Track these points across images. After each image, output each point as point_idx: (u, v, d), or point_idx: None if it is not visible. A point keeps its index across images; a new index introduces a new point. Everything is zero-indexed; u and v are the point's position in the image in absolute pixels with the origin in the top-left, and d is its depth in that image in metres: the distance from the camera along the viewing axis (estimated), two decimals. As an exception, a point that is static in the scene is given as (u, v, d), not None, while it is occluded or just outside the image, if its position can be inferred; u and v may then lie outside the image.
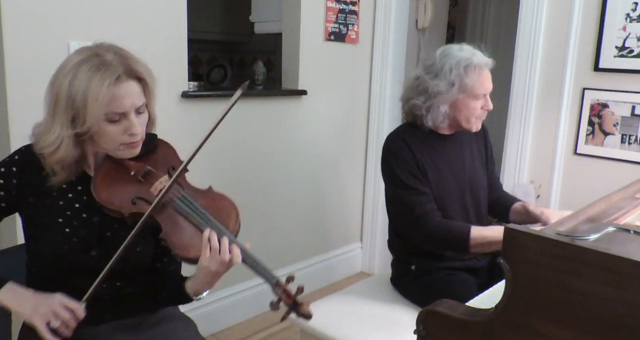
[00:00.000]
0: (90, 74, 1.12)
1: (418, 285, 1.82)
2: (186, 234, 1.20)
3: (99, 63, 1.14)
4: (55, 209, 1.23)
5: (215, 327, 2.54)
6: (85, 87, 1.12)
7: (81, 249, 1.23)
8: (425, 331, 1.03)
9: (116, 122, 1.16)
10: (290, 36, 2.74)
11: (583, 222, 0.99)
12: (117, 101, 1.14)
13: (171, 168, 1.28)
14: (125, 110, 1.16)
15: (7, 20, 1.74)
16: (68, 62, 1.17)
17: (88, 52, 1.16)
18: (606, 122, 2.37)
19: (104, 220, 1.25)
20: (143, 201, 1.21)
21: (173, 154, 1.34)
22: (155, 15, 2.09)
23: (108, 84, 1.12)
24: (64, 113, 1.14)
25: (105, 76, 1.12)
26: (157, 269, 1.36)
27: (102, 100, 1.12)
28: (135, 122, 1.18)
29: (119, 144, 1.20)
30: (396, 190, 1.77)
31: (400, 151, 1.76)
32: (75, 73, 1.13)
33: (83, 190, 1.25)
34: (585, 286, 0.82)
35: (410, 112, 1.80)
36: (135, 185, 1.23)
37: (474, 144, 1.92)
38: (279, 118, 2.67)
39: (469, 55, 1.71)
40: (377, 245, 3.26)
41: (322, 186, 2.97)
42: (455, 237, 1.66)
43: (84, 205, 1.25)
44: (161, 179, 1.24)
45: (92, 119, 1.13)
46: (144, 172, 1.25)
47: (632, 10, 2.27)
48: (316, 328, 1.71)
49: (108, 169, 1.23)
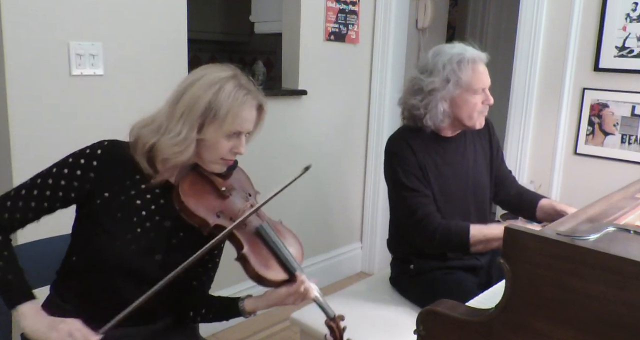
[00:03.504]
0: (237, 92, 1.23)
1: (417, 284, 1.82)
2: (265, 256, 1.27)
3: (242, 84, 1.25)
4: (131, 207, 1.24)
5: (215, 327, 2.53)
6: (231, 104, 1.21)
7: (147, 252, 1.25)
8: (425, 331, 1.03)
9: (231, 139, 1.25)
10: (290, 36, 2.75)
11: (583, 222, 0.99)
12: (244, 123, 1.25)
13: (248, 195, 1.37)
14: (244, 130, 1.26)
15: (7, 20, 1.74)
16: (209, 73, 1.24)
17: (229, 71, 1.26)
18: (606, 122, 2.37)
19: (174, 227, 1.28)
20: (226, 217, 1.27)
21: (249, 181, 1.43)
22: (155, 15, 2.09)
23: (248, 107, 1.24)
24: (197, 118, 1.21)
25: (251, 100, 1.25)
26: (192, 286, 1.39)
27: (238, 119, 1.22)
28: (244, 143, 1.28)
29: (219, 158, 1.26)
30: (398, 192, 1.77)
31: (402, 152, 1.75)
32: (222, 87, 1.21)
33: (161, 193, 1.27)
34: (585, 286, 0.82)
35: (410, 114, 1.79)
36: (221, 199, 1.30)
37: (478, 143, 1.89)
38: (279, 118, 2.67)
39: (460, 51, 1.72)
40: (377, 245, 3.26)
41: (322, 186, 2.96)
42: (455, 237, 1.65)
43: (159, 209, 1.27)
44: (249, 201, 1.34)
45: (221, 132, 1.22)
46: (231, 190, 1.32)
47: (632, 10, 2.27)
48: (316, 328, 1.71)
49: (195, 179, 1.29)
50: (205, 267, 1.40)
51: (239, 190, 1.35)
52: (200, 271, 1.39)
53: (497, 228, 1.64)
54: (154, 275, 1.21)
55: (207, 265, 1.40)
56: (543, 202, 1.87)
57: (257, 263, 1.24)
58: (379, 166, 3.16)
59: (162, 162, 1.24)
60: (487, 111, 1.78)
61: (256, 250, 1.26)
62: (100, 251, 1.23)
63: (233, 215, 1.27)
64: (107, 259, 1.23)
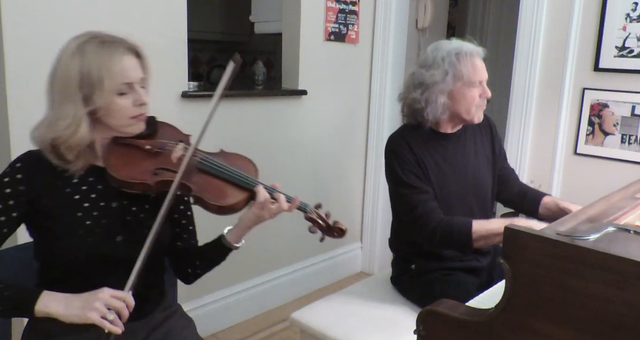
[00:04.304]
0: (98, 50, 1.18)
1: (418, 284, 1.82)
2: (217, 187, 1.29)
3: (101, 41, 1.19)
4: (72, 205, 1.23)
5: (215, 327, 2.54)
6: (98, 62, 1.17)
7: (106, 237, 1.24)
8: (425, 331, 1.03)
9: (125, 95, 1.21)
10: (290, 36, 2.75)
11: (583, 222, 0.99)
12: (126, 72, 1.20)
13: (179, 141, 1.33)
14: (132, 80, 1.21)
15: (7, 20, 1.74)
16: (67, 48, 1.20)
17: (84, 37, 1.21)
18: (606, 122, 2.37)
19: (123, 205, 1.28)
20: (165, 170, 1.26)
21: (176, 130, 1.40)
22: (155, 15, 2.09)
23: (118, 56, 1.19)
24: (76, 93, 1.17)
25: (113, 50, 1.19)
26: (179, 247, 1.43)
27: (115, 72, 1.18)
28: (142, 93, 1.24)
29: (129, 117, 1.23)
30: (398, 189, 1.77)
31: (401, 150, 1.76)
32: (82, 53, 1.17)
33: (96, 180, 1.27)
34: (585, 286, 0.82)
35: (410, 109, 1.80)
36: (153, 158, 1.28)
37: (479, 142, 1.90)
38: (279, 118, 2.67)
39: (458, 45, 1.75)
40: (377, 245, 3.26)
41: (322, 186, 2.96)
42: (457, 233, 1.65)
43: (100, 194, 1.26)
44: (177, 147, 1.30)
45: (107, 92, 1.18)
46: (159, 146, 1.30)
47: (632, 10, 2.27)
48: (316, 328, 1.71)
49: (120, 151, 1.26)
50: (181, 226, 1.43)
51: (168, 142, 1.32)
52: (178, 231, 1.43)
53: (500, 223, 1.65)
54: (124, 256, 1.22)
55: (181, 223, 1.43)
56: (546, 199, 1.88)
57: (212, 197, 1.26)
58: (379, 166, 3.16)
59: (68, 151, 1.20)
60: (485, 105, 1.80)
61: (205, 185, 1.28)
62: (63, 256, 1.22)
63: (172, 167, 1.26)
64: (71, 261, 1.22)
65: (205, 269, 1.44)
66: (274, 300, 2.81)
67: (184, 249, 1.44)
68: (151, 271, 1.33)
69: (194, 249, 1.45)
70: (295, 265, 2.91)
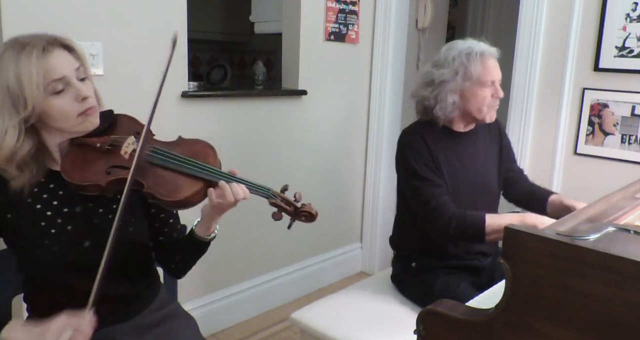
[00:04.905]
0: (15, 55, 1.11)
1: (418, 283, 1.82)
2: (169, 180, 1.21)
3: (20, 46, 1.12)
4: (35, 215, 1.20)
5: (215, 327, 2.54)
6: (15, 67, 1.10)
7: (73, 243, 1.21)
8: (425, 331, 1.03)
9: (61, 93, 1.14)
10: (290, 36, 2.75)
11: (583, 222, 0.99)
12: (52, 69, 1.13)
13: (136, 133, 1.26)
14: (63, 74, 1.14)
15: (7, 20, 1.74)
16: None
17: (6, 45, 1.15)
18: (606, 122, 2.37)
19: (88, 209, 1.24)
20: (118, 168, 1.19)
21: (135, 121, 1.32)
22: (155, 15, 2.09)
23: (35, 56, 1.11)
24: (8, 104, 1.11)
25: (30, 51, 1.11)
26: (162, 242, 1.39)
27: (36, 73, 1.10)
28: (81, 86, 1.17)
29: (75, 115, 1.17)
30: (411, 181, 1.78)
31: (416, 144, 1.78)
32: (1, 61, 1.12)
33: (56, 186, 1.23)
34: (585, 286, 0.82)
35: (422, 107, 1.84)
36: (104, 156, 1.21)
37: (489, 142, 1.92)
38: (279, 118, 2.67)
39: (470, 45, 1.78)
40: (377, 245, 3.26)
41: (322, 186, 2.96)
42: (471, 226, 1.66)
43: (62, 200, 1.22)
44: (127, 141, 1.23)
45: (33, 96, 1.11)
46: (110, 142, 1.23)
47: (632, 10, 2.27)
48: (316, 328, 1.71)
49: (74, 153, 1.20)
50: (160, 220, 1.38)
51: (119, 137, 1.25)
52: (158, 226, 1.38)
53: (513, 217, 1.66)
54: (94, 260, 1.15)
55: (159, 217, 1.38)
56: (553, 197, 1.90)
57: (165, 192, 1.19)
58: (379, 166, 3.16)
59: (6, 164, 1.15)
60: (497, 105, 1.82)
61: (158, 180, 1.21)
62: (36, 269, 1.22)
63: (125, 163, 1.19)
64: (44, 271, 1.21)
65: (188, 263, 1.40)
66: (274, 300, 2.81)
67: (167, 243, 1.40)
68: (134, 271, 1.32)
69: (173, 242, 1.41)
70: (295, 265, 2.91)
